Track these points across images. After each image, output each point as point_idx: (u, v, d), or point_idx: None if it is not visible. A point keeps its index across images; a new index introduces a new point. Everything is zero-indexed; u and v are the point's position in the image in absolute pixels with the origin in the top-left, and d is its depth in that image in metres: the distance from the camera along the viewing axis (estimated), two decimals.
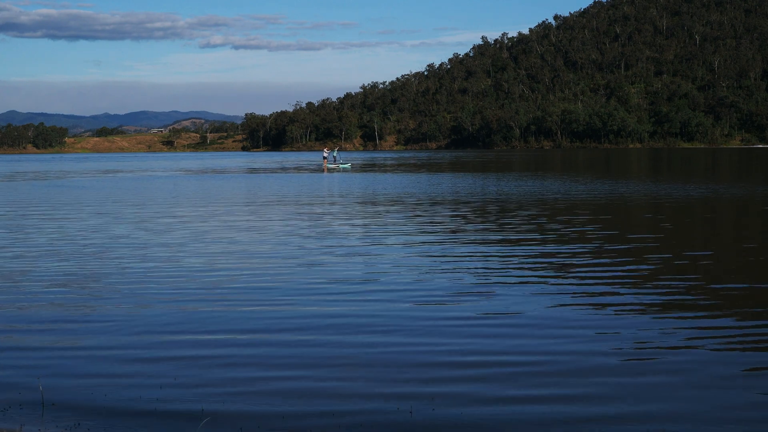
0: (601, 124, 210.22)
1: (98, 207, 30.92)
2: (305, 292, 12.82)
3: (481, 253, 16.83)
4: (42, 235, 21.34)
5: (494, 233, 20.35)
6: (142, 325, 10.73)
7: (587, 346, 9.36)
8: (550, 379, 8.20)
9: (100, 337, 10.09)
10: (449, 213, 26.24)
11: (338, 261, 16.06)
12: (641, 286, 12.93)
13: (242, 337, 10.01)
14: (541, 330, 10.14)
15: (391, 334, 10.13)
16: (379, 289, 13.00)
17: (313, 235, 20.59)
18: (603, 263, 15.30)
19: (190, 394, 7.92)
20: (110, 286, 13.60)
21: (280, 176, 60.86)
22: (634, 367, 8.60)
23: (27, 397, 7.84)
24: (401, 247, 18.12)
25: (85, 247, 18.49)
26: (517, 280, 13.61)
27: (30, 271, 15.18)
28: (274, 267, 15.37)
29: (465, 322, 10.63)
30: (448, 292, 12.64)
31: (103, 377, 8.47)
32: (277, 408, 7.50)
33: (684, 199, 30.42)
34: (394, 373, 8.45)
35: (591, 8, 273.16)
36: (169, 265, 15.65)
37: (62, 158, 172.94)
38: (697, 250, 17.09)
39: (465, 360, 8.91)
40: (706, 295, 12.26)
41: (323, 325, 10.57)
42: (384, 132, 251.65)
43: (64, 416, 7.36)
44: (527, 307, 11.42)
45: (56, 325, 10.81)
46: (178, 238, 20.09)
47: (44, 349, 9.56)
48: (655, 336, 9.81)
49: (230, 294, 12.77)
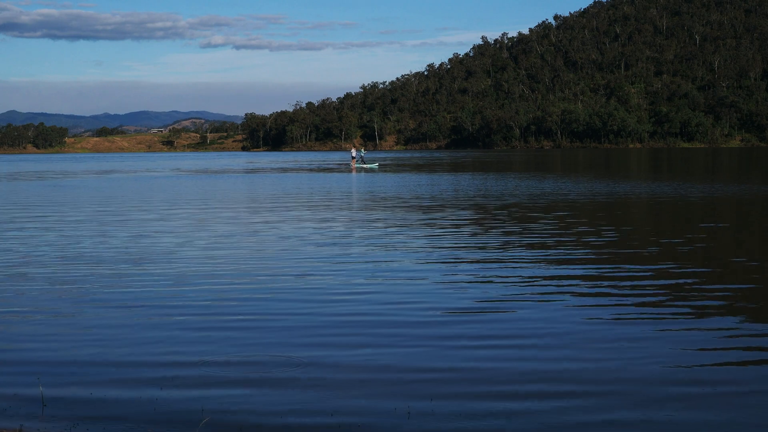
0: (601, 124, 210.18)
1: (129, 203, 30.90)
2: (316, 295, 12.81)
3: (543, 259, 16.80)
4: (46, 233, 21.32)
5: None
6: (142, 325, 10.72)
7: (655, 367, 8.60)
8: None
9: (100, 337, 10.07)
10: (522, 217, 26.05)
11: (343, 264, 16.03)
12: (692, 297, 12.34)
13: (243, 337, 10.00)
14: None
15: (399, 339, 10.12)
16: (386, 293, 12.98)
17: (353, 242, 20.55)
18: (649, 268, 15.20)
19: (189, 394, 7.91)
20: (111, 286, 13.59)
21: (315, 176, 59.39)
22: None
23: (27, 397, 7.82)
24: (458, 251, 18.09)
25: (85, 247, 18.47)
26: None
27: (30, 271, 15.17)
28: (288, 272, 15.35)
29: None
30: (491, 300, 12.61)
31: (102, 377, 8.45)
32: (278, 408, 7.49)
33: (725, 199, 30.35)
34: (396, 378, 8.42)
35: (591, 8, 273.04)
36: (167, 265, 15.64)
37: (74, 158, 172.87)
38: (743, 256, 16.19)
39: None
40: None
41: (328, 327, 10.56)
42: (384, 132, 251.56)
43: (64, 416, 7.35)
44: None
45: (56, 324, 10.80)
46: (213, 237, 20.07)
47: (44, 349, 9.54)
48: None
49: (230, 293, 12.76)
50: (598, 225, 21.92)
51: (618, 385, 7.96)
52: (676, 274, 14.00)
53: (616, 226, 21.60)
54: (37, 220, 25.66)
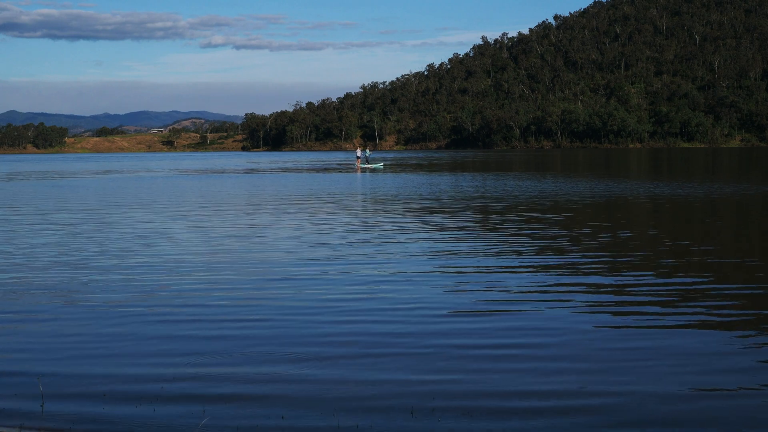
0: (601, 124, 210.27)
1: (149, 202, 30.90)
2: (322, 300, 12.79)
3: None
4: (45, 234, 21.31)
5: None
6: (142, 324, 10.69)
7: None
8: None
9: (100, 337, 10.06)
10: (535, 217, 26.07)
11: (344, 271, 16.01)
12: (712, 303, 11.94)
13: (243, 337, 9.98)
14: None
15: (403, 345, 10.09)
16: (391, 297, 12.94)
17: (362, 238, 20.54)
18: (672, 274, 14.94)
19: (190, 394, 7.88)
20: (112, 286, 13.57)
21: (322, 176, 59.10)
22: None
23: (27, 397, 7.81)
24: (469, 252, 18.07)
25: (86, 246, 18.46)
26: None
27: (30, 272, 15.14)
28: (293, 271, 15.33)
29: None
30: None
31: (102, 377, 8.43)
32: (278, 409, 7.46)
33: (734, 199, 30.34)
34: (398, 385, 8.38)
35: (591, 8, 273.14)
36: (172, 263, 15.63)
37: (75, 158, 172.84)
38: (755, 258, 15.75)
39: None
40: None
41: (330, 329, 10.53)
42: (384, 132, 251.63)
43: (64, 416, 7.33)
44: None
45: (56, 325, 10.78)
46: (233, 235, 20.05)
47: (44, 349, 9.52)
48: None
49: (231, 293, 12.73)
50: (605, 226, 21.88)
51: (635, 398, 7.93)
52: (686, 276, 13.89)
53: (621, 228, 21.53)
54: (50, 220, 25.66)
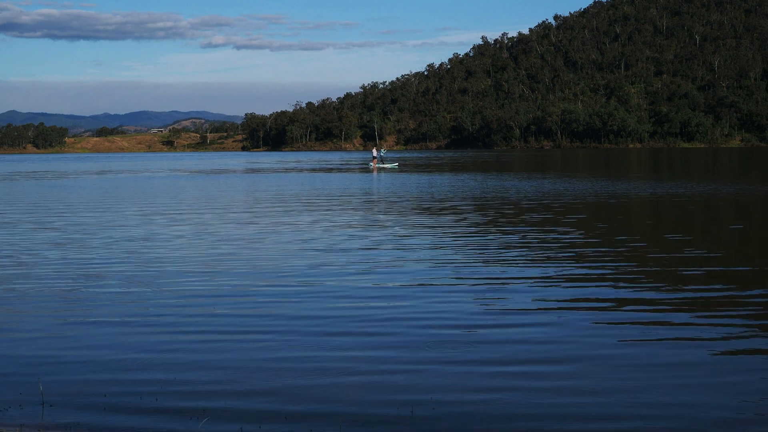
0: (601, 124, 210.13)
1: (150, 203, 30.89)
2: (329, 297, 12.78)
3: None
4: (44, 233, 21.30)
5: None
6: (142, 324, 10.69)
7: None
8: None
9: (100, 337, 10.05)
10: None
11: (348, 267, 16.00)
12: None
13: (243, 337, 9.97)
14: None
15: (410, 360, 10.06)
16: (402, 307, 12.90)
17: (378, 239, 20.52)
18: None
19: (190, 393, 7.88)
20: (113, 286, 13.56)
21: (338, 176, 58.77)
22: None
23: (27, 397, 7.80)
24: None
25: (86, 246, 18.45)
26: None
27: (30, 272, 15.13)
28: (295, 268, 15.32)
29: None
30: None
31: (102, 377, 8.43)
32: (279, 407, 7.46)
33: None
34: (399, 381, 8.39)
35: (591, 8, 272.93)
36: (171, 266, 15.61)
37: (75, 158, 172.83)
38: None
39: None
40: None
41: (331, 332, 10.52)
42: (384, 132, 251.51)
43: (64, 416, 7.32)
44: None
45: (56, 324, 10.77)
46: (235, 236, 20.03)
47: (44, 349, 9.52)
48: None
49: (231, 293, 12.72)
50: (617, 229, 21.86)
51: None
52: (702, 283, 13.77)
53: (632, 232, 21.52)
54: (48, 220, 25.66)
